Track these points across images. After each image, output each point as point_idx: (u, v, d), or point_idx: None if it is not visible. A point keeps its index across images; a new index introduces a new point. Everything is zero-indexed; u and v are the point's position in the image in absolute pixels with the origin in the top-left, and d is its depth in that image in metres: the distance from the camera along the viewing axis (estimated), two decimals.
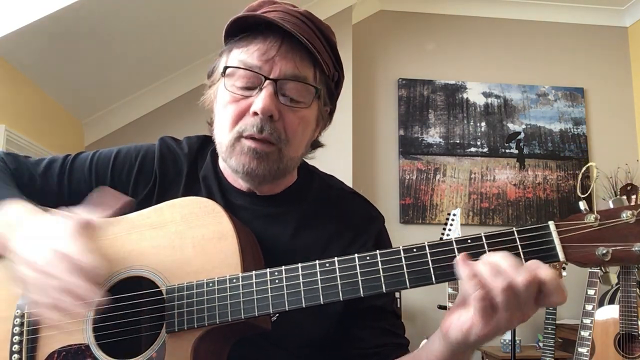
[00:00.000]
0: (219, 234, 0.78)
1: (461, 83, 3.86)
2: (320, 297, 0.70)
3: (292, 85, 0.83)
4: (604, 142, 3.90)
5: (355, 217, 0.94)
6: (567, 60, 3.99)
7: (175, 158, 0.95)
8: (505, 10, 4.01)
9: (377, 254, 0.70)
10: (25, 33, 2.32)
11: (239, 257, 0.76)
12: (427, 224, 3.65)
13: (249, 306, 0.72)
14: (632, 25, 4.06)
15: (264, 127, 0.81)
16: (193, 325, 0.74)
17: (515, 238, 0.67)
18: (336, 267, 0.71)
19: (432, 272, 0.68)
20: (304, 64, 0.83)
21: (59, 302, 0.69)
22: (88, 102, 3.24)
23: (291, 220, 0.90)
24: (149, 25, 2.81)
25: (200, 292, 0.74)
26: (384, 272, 0.69)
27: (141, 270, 0.79)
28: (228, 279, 0.74)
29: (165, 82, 3.44)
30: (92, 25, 2.56)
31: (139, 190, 0.92)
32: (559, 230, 0.66)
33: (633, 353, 2.39)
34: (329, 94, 0.91)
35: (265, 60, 0.81)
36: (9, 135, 2.34)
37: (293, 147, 0.85)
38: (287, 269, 0.73)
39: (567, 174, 3.81)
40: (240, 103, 0.83)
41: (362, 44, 3.81)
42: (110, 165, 0.93)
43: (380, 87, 3.86)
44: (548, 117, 3.89)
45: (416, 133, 3.78)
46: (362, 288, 0.69)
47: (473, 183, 3.75)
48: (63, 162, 0.95)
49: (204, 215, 0.80)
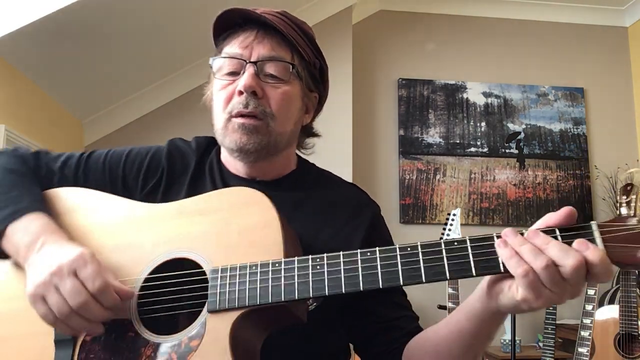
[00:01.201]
0: (263, 223, 0.81)
1: (461, 83, 3.86)
2: (360, 284, 0.72)
3: (270, 65, 0.93)
4: (604, 142, 3.90)
5: (351, 202, 1.01)
6: (567, 60, 3.99)
7: (183, 155, 1.03)
8: (505, 10, 4.01)
9: (418, 245, 0.72)
10: (25, 33, 2.32)
11: (282, 244, 0.79)
12: (427, 224, 3.65)
13: (290, 289, 0.74)
14: (632, 25, 4.06)
15: (249, 102, 0.91)
16: (234, 305, 0.76)
17: (557, 236, 0.67)
18: (377, 256, 0.73)
19: (473, 264, 0.69)
20: (280, 47, 0.94)
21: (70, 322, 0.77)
22: (88, 102, 3.24)
23: (286, 203, 0.94)
24: (149, 26, 2.81)
25: (243, 274, 0.77)
26: (424, 263, 0.71)
27: (187, 252, 0.83)
28: (271, 262, 0.77)
29: (165, 82, 3.44)
30: (92, 25, 2.56)
31: (148, 183, 0.99)
32: (601, 230, 0.66)
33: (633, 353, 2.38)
34: (312, 79, 1.00)
35: (245, 47, 0.93)
36: (9, 135, 2.34)
37: (279, 121, 0.94)
38: (329, 256, 0.75)
39: (567, 174, 3.81)
40: (228, 88, 0.94)
41: (362, 44, 3.81)
42: (122, 161, 1.01)
43: (380, 87, 3.86)
44: (548, 117, 3.89)
45: (416, 133, 3.78)
46: (402, 277, 0.71)
47: (473, 183, 3.75)
48: (79, 158, 1.02)
49: (251, 204, 0.83)
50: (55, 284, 0.76)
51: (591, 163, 3.83)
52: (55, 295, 0.76)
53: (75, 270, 0.77)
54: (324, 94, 1.06)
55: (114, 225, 0.90)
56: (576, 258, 0.63)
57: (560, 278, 0.63)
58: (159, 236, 0.86)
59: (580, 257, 0.63)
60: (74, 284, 0.76)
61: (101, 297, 0.77)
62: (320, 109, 1.07)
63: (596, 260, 0.63)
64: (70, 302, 0.75)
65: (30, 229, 0.84)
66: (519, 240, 0.66)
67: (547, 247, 0.65)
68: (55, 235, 0.84)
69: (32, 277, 0.79)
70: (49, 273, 0.77)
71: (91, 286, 0.76)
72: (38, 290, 0.77)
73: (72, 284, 0.76)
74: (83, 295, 0.75)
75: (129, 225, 0.89)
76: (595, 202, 3.77)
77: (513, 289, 0.67)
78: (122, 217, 0.90)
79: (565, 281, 0.64)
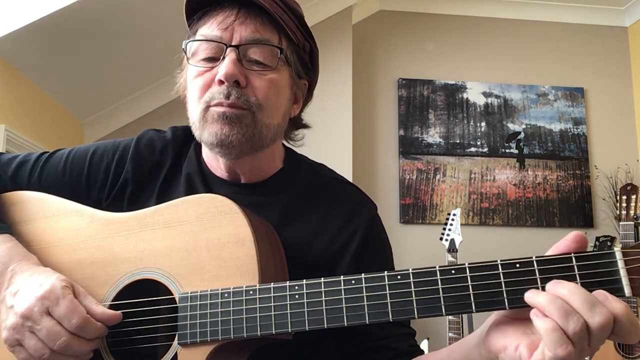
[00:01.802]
0: (235, 238, 0.73)
1: (461, 83, 3.86)
2: (345, 318, 0.64)
3: (255, 49, 0.81)
4: (604, 142, 3.90)
5: (345, 205, 0.90)
6: (567, 60, 3.99)
7: (154, 150, 0.92)
8: (505, 10, 4.00)
9: (410, 273, 0.62)
10: (25, 33, 2.32)
11: (257, 265, 0.71)
12: (427, 224, 3.65)
13: (266, 322, 0.67)
14: (632, 25, 4.05)
15: (230, 92, 0.79)
16: (206, 339, 0.69)
17: (573, 265, 0.57)
18: (363, 285, 0.64)
19: (472, 298, 0.59)
20: (265, 28, 0.81)
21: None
22: (88, 102, 3.24)
23: (276, 209, 0.87)
24: (149, 26, 2.81)
25: (215, 304, 0.70)
26: (417, 295, 0.61)
27: (154, 273, 0.76)
28: (244, 290, 0.69)
29: (165, 82, 3.44)
30: (92, 25, 2.56)
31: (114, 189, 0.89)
32: (625, 260, 0.56)
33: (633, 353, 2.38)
34: (302, 64, 0.89)
35: (224, 28, 0.80)
36: (9, 135, 2.34)
37: (266, 112, 0.82)
38: (308, 283, 0.67)
39: (567, 174, 3.81)
40: (206, 75, 0.82)
41: (362, 44, 3.80)
42: (86, 165, 0.90)
43: (380, 87, 3.86)
44: (548, 117, 3.89)
45: (416, 133, 3.78)
46: (392, 312, 0.62)
47: (473, 183, 3.75)
48: (36, 161, 0.91)
49: (219, 215, 0.75)
50: (29, 327, 0.69)
51: (591, 163, 3.83)
52: (32, 339, 0.69)
53: (48, 309, 0.69)
54: (314, 80, 0.94)
55: (76, 238, 0.81)
56: (604, 314, 0.53)
57: (586, 336, 0.54)
58: (123, 252, 0.78)
59: (609, 313, 0.53)
60: (50, 326, 0.69)
61: (82, 333, 0.70)
62: (310, 97, 0.95)
63: (621, 312, 0.53)
64: (50, 345, 0.69)
65: None
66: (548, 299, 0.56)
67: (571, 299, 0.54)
68: (24, 262, 0.76)
69: (4, 319, 0.72)
70: (21, 316, 0.70)
71: (68, 325, 0.69)
72: (12, 335, 0.70)
73: (48, 327, 0.69)
74: (62, 335, 0.69)
75: (92, 238, 0.81)
76: (595, 202, 3.77)
77: (521, 350, 0.57)
78: (85, 228, 0.82)
79: (590, 337, 0.54)
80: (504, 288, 0.59)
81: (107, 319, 0.72)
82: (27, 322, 0.70)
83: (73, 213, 0.84)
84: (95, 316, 0.72)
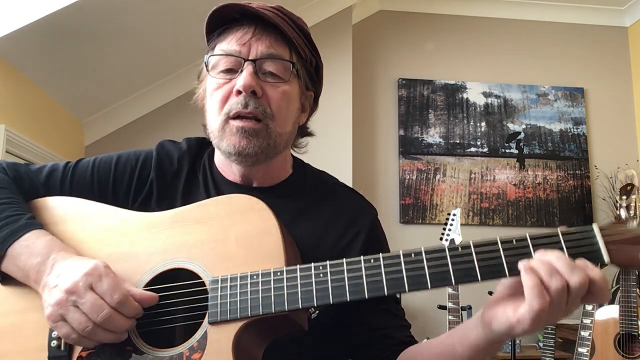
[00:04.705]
0: (263, 230, 0.79)
1: (461, 83, 3.86)
2: (365, 291, 0.71)
3: (269, 63, 0.90)
4: (604, 142, 3.90)
5: (349, 210, 0.98)
6: (567, 60, 3.99)
7: (173, 159, 0.99)
8: (505, 10, 4.01)
9: (422, 251, 0.71)
10: (25, 33, 2.32)
11: (283, 251, 0.77)
12: (427, 224, 3.65)
13: (293, 298, 0.73)
14: (632, 25, 4.05)
15: (248, 103, 0.87)
16: (236, 316, 0.74)
17: (560, 239, 0.69)
18: (381, 263, 0.72)
19: (478, 269, 0.69)
20: (278, 44, 0.91)
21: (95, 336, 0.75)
22: (88, 102, 3.24)
23: (286, 212, 0.92)
24: (149, 26, 2.81)
25: (244, 284, 0.75)
26: (429, 270, 0.70)
27: (185, 262, 0.80)
28: (272, 271, 0.75)
29: (165, 82, 3.44)
30: (92, 25, 2.56)
31: (139, 195, 0.96)
32: (602, 233, 0.68)
33: (633, 353, 2.38)
34: (309, 77, 0.98)
35: (242, 44, 0.89)
36: (9, 135, 2.34)
37: (279, 122, 0.90)
38: (332, 263, 0.74)
39: (567, 174, 3.81)
40: (225, 87, 0.90)
41: (362, 44, 3.80)
42: (112, 170, 0.97)
43: (380, 87, 3.86)
44: (548, 117, 3.89)
45: (416, 133, 3.78)
46: (408, 284, 0.70)
47: (473, 183, 3.75)
48: (64, 170, 0.96)
49: (248, 211, 0.81)
50: (73, 301, 0.74)
51: (591, 163, 3.83)
52: (76, 313, 0.74)
53: (91, 285, 0.75)
54: (319, 92, 1.03)
55: (106, 235, 0.86)
56: (581, 275, 0.64)
57: (565, 294, 0.65)
58: (154, 246, 0.83)
59: (585, 275, 0.64)
60: (94, 300, 0.74)
61: (123, 309, 0.75)
62: (316, 107, 1.03)
63: (597, 277, 0.64)
64: (93, 318, 0.73)
65: (36, 249, 0.81)
66: None
67: (556, 262, 0.66)
68: (63, 252, 0.81)
69: (48, 298, 0.76)
70: (65, 291, 0.74)
71: (110, 300, 0.74)
72: (56, 310, 0.75)
73: (91, 300, 0.74)
74: (105, 309, 0.74)
75: (122, 235, 0.85)
76: (595, 202, 3.77)
77: (508, 311, 0.67)
78: (115, 227, 0.87)
79: (568, 295, 0.65)
80: (503, 260, 0.69)
81: (145, 299, 0.78)
82: (71, 296, 0.74)
83: (103, 214, 0.89)
84: (134, 296, 0.77)
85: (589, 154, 3.86)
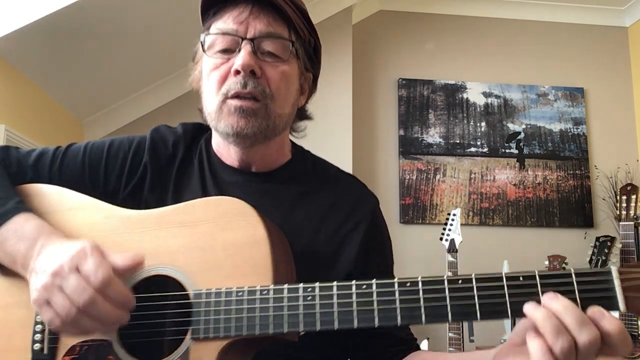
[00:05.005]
0: (251, 239, 0.75)
1: (461, 83, 3.86)
2: (355, 320, 0.67)
3: (268, 42, 0.86)
4: (604, 142, 3.90)
5: (350, 197, 0.96)
6: (567, 60, 3.99)
7: (167, 144, 0.96)
8: (505, 10, 4.00)
9: (419, 281, 0.66)
10: (25, 33, 2.32)
11: (271, 267, 0.73)
12: (427, 224, 3.65)
13: (278, 322, 0.69)
14: (632, 25, 4.05)
15: (247, 82, 0.84)
16: (219, 335, 0.71)
17: (572, 281, 0.62)
18: (374, 290, 0.67)
19: (478, 308, 0.63)
20: (277, 23, 0.87)
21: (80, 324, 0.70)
22: (88, 102, 3.24)
23: (285, 197, 0.91)
24: (149, 25, 2.81)
25: (229, 301, 0.71)
26: (425, 302, 0.65)
27: (169, 269, 0.77)
28: (259, 289, 0.71)
29: (165, 82, 3.44)
30: (92, 25, 2.56)
31: (131, 180, 0.93)
32: (621, 278, 0.61)
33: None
34: (308, 58, 0.95)
35: (239, 22, 0.86)
36: (9, 135, 2.34)
37: (278, 102, 0.87)
38: (321, 286, 0.69)
39: (567, 174, 3.81)
40: (222, 67, 0.87)
41: (362, 44, 3.80)
42: (104, 155, 0.94)
43: (380, 87, 3.86)
44: (548, 117, 3.89)
45: (416, 133, 3.78)
46: (401, 317, 0.65)
47: (473, 183, 3.75)
48: (54, 154, 0.94)
49: (236, 217, 0.76)
50: (58, 284, 0.70)
51: (591, 163, 3.83)
52: (59, 296, 0.70)
53: (77, 266, 0.70)
54: (318, 73, 1.00)
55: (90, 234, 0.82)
56: (591, 333, 0.58)
57: (573, 353, 0.59)
58: (138, 248, 0.78)
59: (596, 332, 0.58)
60: (77, 281, 0.69)
61: (107, 291, 0.70)
62: (315, 88, 1.00)
63: (613, 330, 0.58)
64: (76, 301, 0.69)
65: (25, 233, 0.78)
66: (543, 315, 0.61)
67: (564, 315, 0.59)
68: (53, 235, 0.78)
69: (34, 282, 0.73)
70: (51, 274, 0.71)
71: (94, 279, 0.69)
72: (41, 294, 0.71)
73: (75, 281, 0.69)
74: (88, 291, 0.69)
75: (106, 234, 0.82)
76: (595, 202, 3.77)
77: None
78: (99, 224, 0.83)
79: (577, 354, 0.59)
80: (507, 299, 0.63)
81: (129, 264, 0.73)
82: (56, 279, 0.70)
83: (90, 208, 0.85)
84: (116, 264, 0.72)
85: (589, 154, 3.85)
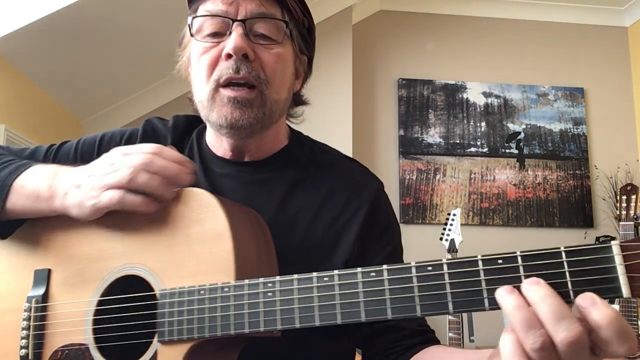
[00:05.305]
0: (214, 232, 0.71)
1: (461, 83, 3.86)
2: (316, 317, 0.60)
3: (261, 23, 0.81)
4: (604, 142, 3.90)
5: (350, 181, 0.90)
6: (567, 60, 3.99)
7: (158, 135, 0.94)
8: (505, 10, 4.00)
9: (385, 270, 0.57)
10: (25, 33, 2.32)
11: (233, 262, 0.69)
12: (427, 224, 3.65)
13: (239, 321, 0.64)
14: (632, 25, 4.05)
15: (240, 67, 0.78)
16: (182, 337, 0.68)
17: (563, 262, 0.49)
18: (335, 283, 0.59)
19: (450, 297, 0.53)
20: (269, 3, 0.82)
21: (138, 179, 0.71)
22: (88, 102, 3.24)
23: (280, 186, 0.87)
24: (149, 25, 2.81)
25: (191, 300, 0.68)
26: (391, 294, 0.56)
27: (138, 268, 0.75)
28: (219, 287, 0.67)
29: (165, 82, 3.44)
30: (92, 25, 2.56)
31: None
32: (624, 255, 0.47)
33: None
34: (303, 39, 0.89)
35: (229, 3, 0.80)
36: (9, 135, 2.34)
37: (274, 87, 0.82)
38: (281, 280, 0.63)
39: (567, 174, 3.81)
40: (212, 52, 0.81)
41: (362, 44, 3.80)
42: (95, 147, 0.92)
43: (380, 87, 3.86)
44: (548, 117, 3.89)
45: (416, 133, 3.78)
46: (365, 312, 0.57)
47: (473, 183, 3.75)
48: (48, 150, 0.94)
49: (199, 209, 0.73)
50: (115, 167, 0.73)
51: (591, 163, 3.83)
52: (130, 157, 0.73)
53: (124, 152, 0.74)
54: (312, 56, 0.94)
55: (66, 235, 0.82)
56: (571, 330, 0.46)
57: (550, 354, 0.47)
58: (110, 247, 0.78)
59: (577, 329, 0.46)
60: (131, 155, 0.74)
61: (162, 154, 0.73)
62: (310, 72, 0.95)
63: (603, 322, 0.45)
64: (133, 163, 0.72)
65: (42, 172, 0.78)
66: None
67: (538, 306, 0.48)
68: (65, 167, 0.79)
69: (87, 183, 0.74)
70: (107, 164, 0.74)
71: (147, 149, 0.74)
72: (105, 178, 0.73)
73: (129, 156, 0.73)
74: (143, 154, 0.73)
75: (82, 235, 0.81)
76: (595, 202, 3.77)
77: None
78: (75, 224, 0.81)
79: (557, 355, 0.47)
80: (484, 286, 0.52)
81: None
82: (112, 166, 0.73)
83: None
84: None
85: (589, 154, 3.85)
